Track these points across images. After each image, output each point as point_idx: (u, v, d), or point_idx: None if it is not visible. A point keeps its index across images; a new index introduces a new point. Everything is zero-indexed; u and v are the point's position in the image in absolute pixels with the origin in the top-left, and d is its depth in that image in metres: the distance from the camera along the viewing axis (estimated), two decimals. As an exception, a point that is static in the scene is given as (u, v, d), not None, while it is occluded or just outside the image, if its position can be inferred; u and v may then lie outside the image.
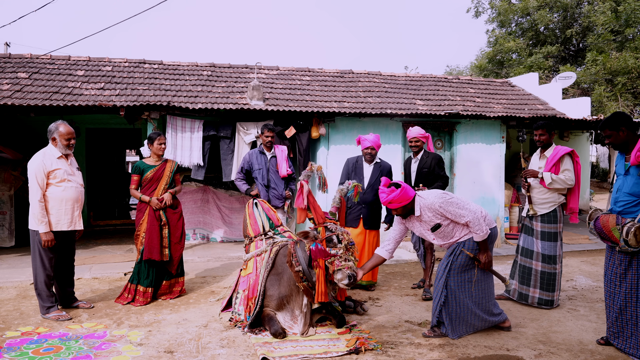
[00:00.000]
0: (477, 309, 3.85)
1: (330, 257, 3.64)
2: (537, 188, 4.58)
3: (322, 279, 3.64)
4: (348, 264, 3.62)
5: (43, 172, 4.18)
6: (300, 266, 3.77)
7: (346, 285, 3.59)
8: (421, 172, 5.16)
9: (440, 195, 3.76)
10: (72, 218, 4.33)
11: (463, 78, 10.98)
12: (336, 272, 3.61)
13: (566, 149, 4.51)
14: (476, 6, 23.23)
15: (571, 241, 8.24)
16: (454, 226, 3.78)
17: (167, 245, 4.81)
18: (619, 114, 3.51)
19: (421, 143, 5.25)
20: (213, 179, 8.30)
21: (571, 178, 4.43)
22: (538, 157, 4.73)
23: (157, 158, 4.95)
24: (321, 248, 3.65)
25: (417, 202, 3.78)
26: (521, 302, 4.69)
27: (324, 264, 3.64)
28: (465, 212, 3.67)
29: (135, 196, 4.87)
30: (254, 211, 4.70)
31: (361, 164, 5.32)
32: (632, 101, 16.94)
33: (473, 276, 3.83)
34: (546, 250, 4.52)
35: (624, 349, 3.51)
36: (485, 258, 3.77)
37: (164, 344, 3.69)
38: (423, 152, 5.28)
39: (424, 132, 5.28)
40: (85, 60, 8.98)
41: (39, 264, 4.23)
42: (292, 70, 9.89)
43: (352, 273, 3.60)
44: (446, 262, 3.86)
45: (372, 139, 5.22)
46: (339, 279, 3.60)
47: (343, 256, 3.65)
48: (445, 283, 3.82)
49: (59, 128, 4.30)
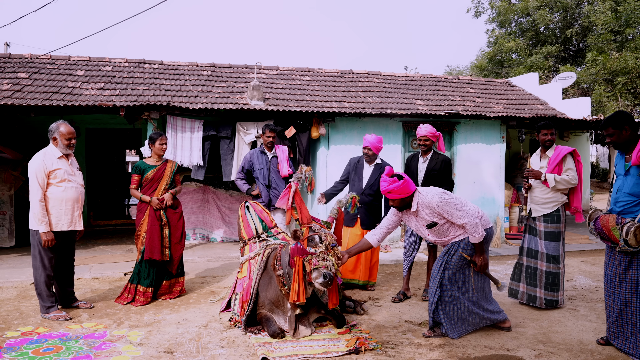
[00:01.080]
0: (473, 307, 3.86)
1: (307, 255, 3.57)
2: (539, 188, 4.56)
3: (298, 277, 3.57)
4: (325, 263, 3.54)
5: (43, 172, 4.18)
6: (281, 270, 3.74)
7: (321, 284, 3.50)
8: (430, 173, 4.85)
9: (439, 194, 3.74)
10: (72, 218, 4.34)
11: (463, 78, 10.98)
12: (312, 270, 3.55)
13: (568, 149, 4.50)
14: (476, 6, 23.25)
15: (571, 241, 8.24)
16: (449, 225, 3.78)
17: (167, 245, 4.82)
18: (622, 112, 3.51)
19: (430, 142, 4.89)
20: (213, 179, 8.30)
21: (574, 177, 4.42)
22: (539, 158, 4.70)
23: (158, 158, 4.95)
24: (300, 246, 3.59)
25: (416, 198, 3.77)
26: (530, 304, 4.64)
27: (301, 263, 3.58)
28: (462, 214, 3.66)
29: (136, 196, 4.86)
30: (246, 214, 4.69)
31: (362, 164, 5.30)
32: (632, 101, 16.94)
33: (467, 276, 3.83)
34: (550, 250, 4.50)
35: (624, 349, 3.51)
36: (481, 261, 3.77)
37: (164, 344, 3.69)
38: (433, 152, 4.94)
39: (434, 130, 4.89)
40: (85, 60, 8.98)
41: (39, 263, 4.23)
42: (292, 70, 9.89)
43: (328, 272, 3.51)
44: (441, 262, 3.85)
45: (370, 140, 5.14)
46: (314, 277, 3.53)
47: (321, 255, 3.58)
48: (440, 282, 3.81)
49: (59, 128, 4.30)
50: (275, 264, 3.80)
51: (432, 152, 4.95)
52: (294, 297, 3.59)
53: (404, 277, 4.97)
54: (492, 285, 4.00)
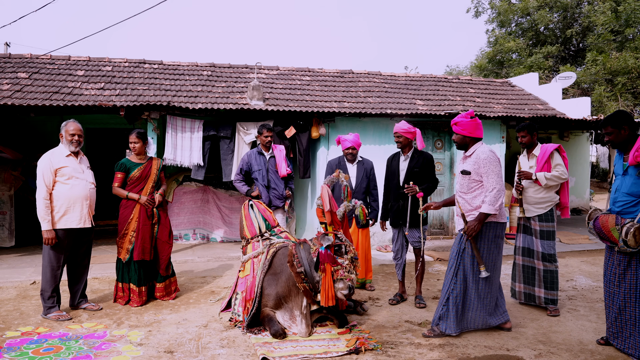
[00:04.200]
0: (480, 305, 3.86)
1: (337, 265, 3.69)
2: (532, 188, 4.60)
3: (330, 284, 3.68)
4: (351, 276, 3.70)
5: (50, 170, 4.21)
6: (302, 267, 3.78)
7: (345, 295, 3.67)
8: (412, 171, 4.71)
9: (492, 153, 3.87)
10: (81, 215, 4.33)
11: (463, 78, 10.98)
12: (338, 280, 3.67)
13: (553, 145, 4.58)
14: (476, 6, 23.26)
15: (571, 241, 8.24)
16: (477, 184, 3.87)
17: (154, 244, 4.78)
18: (622, 112, 3.53)
19: (404, 139, 4.75)
20: (213, 179, 8.30)
21: (564, 172, 4.48)
22: (526, 159, 4.76)
23: (142, 156, 4.87)
24: (330, 253, 3.69)
25: (476, 146, 3.93)
26: (529, 303, 4.66)
27: (330, 270, 3.67)
28: (495, 179, 3.77)
29: (121, 194, 4.72)
30: (250, 212, 4.69)
31: (344, 164, 5.29)
32: (632, 101, 16.95)
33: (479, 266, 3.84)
34: (546, 249, 4.53)
35: (624, 349, 3.51)
36: (473, 227, 3.81)
37: (164, 344, 3.70)
38: (413, 150, 4.81)
39: (408, 127, 4.75)
40: (85, 60, 8.98)
41: (47, 262, 4.26)
42: (292, 70, 9.90)
43: (353, 285, 3.70)
44: (457, 250, 3.92)
45: (352, 139, 5.20)
46: (339, 287, 3.66)
47: (347, 267, 3.71)
48: (455, 271, 3.88)
49: (66, 125, 4.36)
50: (294, 260, 3.84)
51: (412, 150, 4.82)
52: (328, 301, 3.66)
53: (399, 281, 4.97)
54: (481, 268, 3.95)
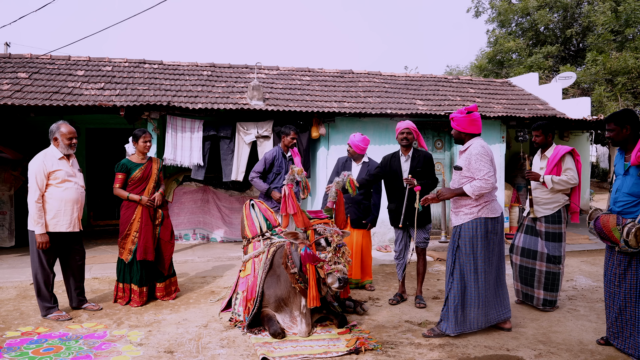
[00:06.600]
0: (480, 302, 3.82)
1: (319, 262, 3.60)
2: (539, 189, 4.54)
3: (312, 284, 3.64)
4: (337, 267, 3.58)
5: (43, 173, 4.16)
6: (295, 268, 3.75)
7: (337, 288, 3.58)
8: (415, 171, 4.70)
9: (484, 148, 3.83)
10: (71, 219, 4.31)
11: (463, 78, 10.98)
12: (327, 276, 3.60)
13: (567, 148, 4.48)
14: (476, 6, 23.25)
15: (571, 241, 8.24)
16: (467, 181, 3.85)
17: (156, 244, 4.79)
18: (628, 111, 3.53)
19: (412, 137, 4.76)
20: (213, 179, 8.30)
21: (574, 177, 4.39)
22: (539, 158, 4.71)
23: (143, 156, 4.85)
24: (310, 253, 3.59)
25: (472, 141, 3.90)
26: (527, 302, 4.66)
27: (314, 269, 3.63)
28: (485, 172, 3.71)
29: (122, 195, 4.69)
30: (251, 212, 4.68)
31: (350, 163, 5.35)
32: (632, 101, 16.93)
33: (478, 260, 3.82)
34: (551, 250, 4.47)
35: (624, 349, 3.51)
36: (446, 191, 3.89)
37: (164, 344, 3.70)
38: (413, 149, 4.81)
39: (415, 126, 4.80)
40: (85, 60, 8.98)
41: (38, 264, 4.22)
42: (292, 70, 9.90)
43: (343, 276, 3.57)
44: (451, 248, 3.93)
45: (352, 140, 5.25)
46: (329, 282, 3.58)
47: (332, 259, 3.60)
48: (452, 270, 3.88)
49: (60, 128, 4.28)
50: (287, 262, 3.80)
51: (412, 149, 4.82)
52: (312, 302, 3.64)
53: (399, 281, 4.97)
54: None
